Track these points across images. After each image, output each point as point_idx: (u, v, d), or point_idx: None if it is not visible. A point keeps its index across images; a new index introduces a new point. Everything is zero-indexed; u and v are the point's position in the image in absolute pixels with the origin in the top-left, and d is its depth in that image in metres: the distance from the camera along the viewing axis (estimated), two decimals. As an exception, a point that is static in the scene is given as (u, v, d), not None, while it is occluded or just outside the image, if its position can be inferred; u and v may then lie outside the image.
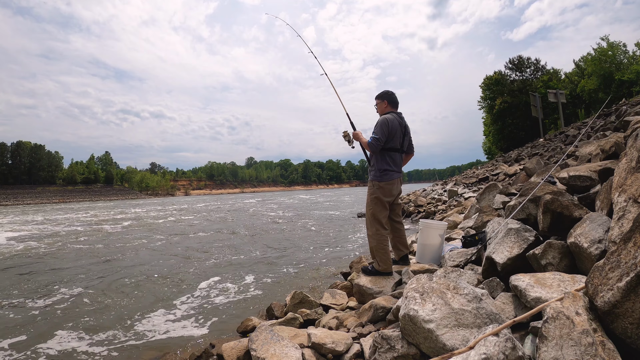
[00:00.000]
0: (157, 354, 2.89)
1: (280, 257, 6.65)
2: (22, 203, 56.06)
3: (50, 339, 3.22)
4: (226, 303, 4.10)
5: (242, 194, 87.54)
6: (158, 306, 4.04)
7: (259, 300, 4.13)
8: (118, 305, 4.10)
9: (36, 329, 3.47)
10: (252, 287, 4.72)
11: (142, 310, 3.90)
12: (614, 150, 3.07)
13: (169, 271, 5.76)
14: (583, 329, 1.20)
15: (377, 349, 1.78)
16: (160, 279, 5.28)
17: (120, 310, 3.93)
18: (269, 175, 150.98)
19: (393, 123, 3.18)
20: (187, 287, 4.77)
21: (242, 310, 3.84)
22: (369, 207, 3.28)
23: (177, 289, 4.69)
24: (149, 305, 4.06)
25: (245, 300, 4.20)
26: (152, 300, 4.25)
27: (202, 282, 5.03)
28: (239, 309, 3.87)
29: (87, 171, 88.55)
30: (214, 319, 3.62)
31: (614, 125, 5.28)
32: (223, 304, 4.06)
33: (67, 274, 5.78)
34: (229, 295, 4.37)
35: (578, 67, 31.95)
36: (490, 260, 2.27)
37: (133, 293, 4.59)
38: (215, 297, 4.33)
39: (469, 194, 10.22)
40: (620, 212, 1.63)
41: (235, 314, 3.71)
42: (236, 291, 4.54)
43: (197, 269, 5.91)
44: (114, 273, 5.74)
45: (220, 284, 4.88)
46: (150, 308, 3.97)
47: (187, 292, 4.55)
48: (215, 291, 4.57)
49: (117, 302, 4.22)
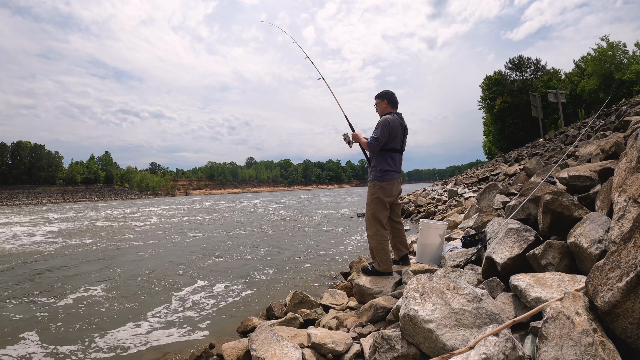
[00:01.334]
0: (157, 354, 2.88)
1: (280, 257, 6.64)
2: (22, 203, 56.06)
3: (50, 340, 3.22)
4: (226, 303, 4.10)
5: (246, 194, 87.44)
6: (158, 306, 4.04)
7: (259, 300, 4.13)
8: (118, 305, 4.10)
9: (37, 330, 3.47)
10: (252, 287, 4.72)
11: (142, 310, 3.90)
12: (614, 150, 3.07)
13: (168, 271, 5.76)
14: (583, 329, 1.20)
15: (377, 349, 1.78)
16: (159, 278, 5.28)
17: (120, 310, 3.93)
18: (269, 175, 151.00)
19: (394, 124, 3.19)
20: (187, 287, 4.77)
21: (242, 310, 3.84)
22: (369, 207, 3.28)
23: (177, 289, 4.69)
24: (148, 305, 4.06)
25: (245, 300, 4.19)
26: (152, 300, 4.24)
27: (202, 282, 5.03)
28: (239, 309, 3.87)
29: (87, 171, 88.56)
30: (214, 319, 3.62)
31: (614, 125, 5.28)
32: (223, 304, 4.06)
33: (71, 273, 5.79)
34: (229, 295, 4.37)
35: (578, 67, 31.99)
36: (490, 260, 2.27)
37: (133, 293, 4.58)
38: (215, 297, 4.33)
39: (469, 194, 10.22)
40: (620, 212, 1.63)
41: (235, 314, 3.71)
42: (236, 291, 4.54)
43: (197, 268, 5.91)
44: (114, 273, 5.74)
45: (220, 284, 4.88)
46: (150, 308, 3.97)
47: (187, 292, 4.54)
48: (215, 291, 4.57)
49: (117, 302, 4.22)
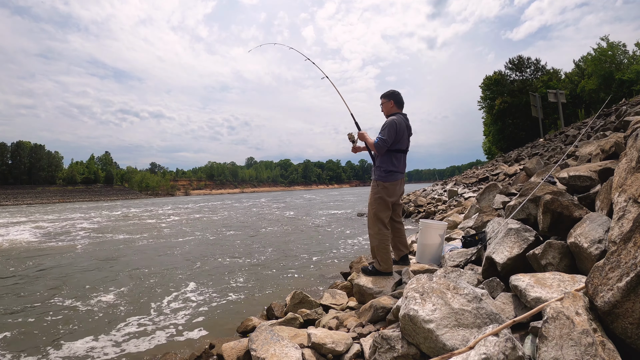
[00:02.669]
0: (157, 354, 2.89)
1: (280, 257, 6.64)
2: (22, 203, 56.05)
3: (50, 342, 3.22)
4: (226, 303, 4.10)
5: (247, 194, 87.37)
6: (158, 306, 4.04)
7: (259, 300, 4.13)
8: (118, 305, 4.10)
9: (38, 331, 3.47)
10: (252, 287, 4.72)
11: (142, 310, 3.90)
12: (614, 150, 3.07)
13: (168, 270, 5.75)
14: (583, 329, 1.20)
15: (377, 349, 1.78)
16: (160, 278, 5.28)
17: (120, 310, 3.93)
18: (269, 175, 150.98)
19: (401, 125, 3.20)
20: (187, 287, 4.77)
21: (242, 310, 3.84)
22: (372, 207, 3.28)
23: (177, 289, 4.69)
24: (148, 305, 4.06)
25: (245, 300, 4.20)
26: (152, 300, 4.24)
27: (202, 281, 5.03)
28: (239, 309, 3.87)
29: (87, 171, 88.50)
30: (214, 319, 3.63)
31: (614, 125, 5.28)
32: (223, 304, 4.06)
33: (72, 271, 5.79)
34: (229, 295, 4.37)
35: (578, 67, 31.97)
36: (490, 260, 2.27)
37: (133, 292, 4.59)
38: (215, 297, 4.33)
39: (469, 194, 10.23)
40: (620, 212, 1.63)
41: (235, 314, 3.71)
42: (236, 291, 4.54)
43: (197, 268, 5.91)
44: (114, 273, 5.74)
45: (220, 284, 4.88)
46: (150, 307, 3.98)
47: (187, 292, 4.54)
48: (215, 291, 4.57)
49: (117, 302, 4.22)
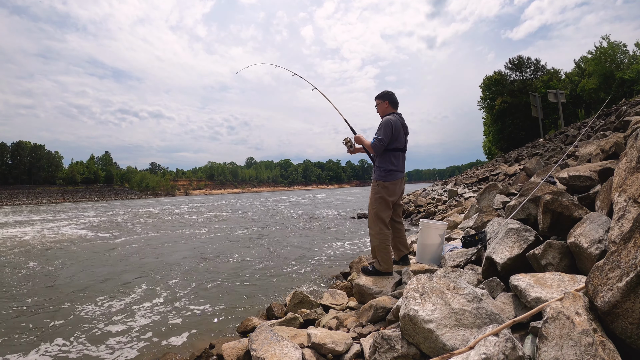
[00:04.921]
0: (157, 354, 2.89)
1: (280, 257, 6.64)
2: (22, 203, 56.00)
3: (50, 342, 3.22)
4: (226, 303, 4.09)
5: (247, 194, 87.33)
6: (158, 306, 4.04)
7: (259, 300, 4.13)
8: (119, 305, 4.10)
9: (39, 332, 3.47)
10: (252, 287, 4.72)
11: (142, 310, 3.90)
12: (614, 150, 3.07)
13: (168, 270, 5.75)
14: (583, 329, 1.20)
15: (377, 349, 1.78)
16: (160, 278, 5.28)
17: (120, 310, 3.93)
18: (269, 175, 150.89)
19: (396, 124, 3.23)
20: (187, 287, 4.77)
21: (242, 310, 3.84)
22: (372, 207, 3.29)
23: (177, 289, 4.69)
24: (148, 305, 4.06)
25: (245, 300, 4.19)
26: (152, 299, 4.24)
27: (202, 281, 5.03)
28: (239, 309, 3.87)
29: (87, 171, 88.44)
30: (214, 319, 3.62)
31: (614, 125, 5.28)
32: (223, 304, 4.05)
33: (74, 271, 5.79)
34: (229, 295, 4.36)
35: (578, 67, 31.96)
36: (490, 260, 2.27)
37: (133, 292, 4.58)
38: (215, 296, 4.33)
39: (469, 194, 10.23)
40: (620, 212, 1.63)
41: (235, 314, 3.71)
42: (236, 291, 4.54)
43: (197, 268, 5.91)
44: (114, 272, 5.74)
45: (220, 284, 4.88)
46: (150, 307, 3.97)
47: (187, 292, 4.54)
48: (215, 291, 4.57)
49: (117, 302, 4.22)
